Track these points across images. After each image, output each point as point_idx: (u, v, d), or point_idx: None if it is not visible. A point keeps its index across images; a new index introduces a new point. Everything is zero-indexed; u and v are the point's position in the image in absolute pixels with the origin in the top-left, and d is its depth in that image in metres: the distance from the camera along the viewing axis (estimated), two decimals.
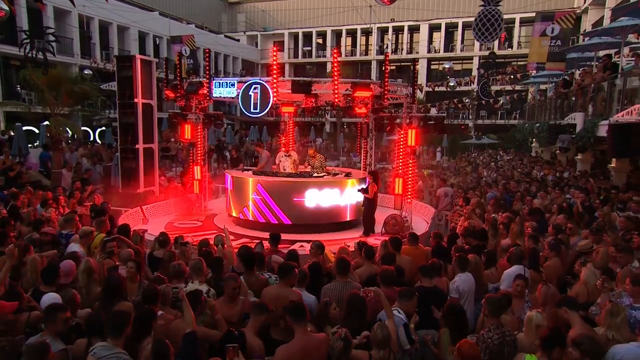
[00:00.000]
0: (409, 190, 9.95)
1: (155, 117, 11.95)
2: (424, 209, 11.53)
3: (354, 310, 3.90)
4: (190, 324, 3.57)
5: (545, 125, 16.62)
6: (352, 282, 4.73)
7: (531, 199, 9.62)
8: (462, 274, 4.95)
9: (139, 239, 5.90)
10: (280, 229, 9.26)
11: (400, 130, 9.92)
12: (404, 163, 9.91)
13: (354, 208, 9.92)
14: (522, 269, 5.15)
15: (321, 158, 11.11)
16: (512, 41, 36.24)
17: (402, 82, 10.09)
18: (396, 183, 9.76)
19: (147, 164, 11.64)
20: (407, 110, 9.78)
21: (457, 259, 5.16)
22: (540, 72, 21.57)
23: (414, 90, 9.35)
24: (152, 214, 10.88)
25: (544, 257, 5.84)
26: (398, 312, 3.90)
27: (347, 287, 4.57)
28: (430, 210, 11.05)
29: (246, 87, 8.44)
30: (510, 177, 14.50)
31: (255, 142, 20.55)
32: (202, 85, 8.96)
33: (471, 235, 6.48)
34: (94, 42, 26.01)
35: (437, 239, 6.48)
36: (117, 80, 11.09)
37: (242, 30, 44.09)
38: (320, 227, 9.39)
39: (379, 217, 9.74)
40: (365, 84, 8.57)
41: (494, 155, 25.38)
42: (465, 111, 34.79)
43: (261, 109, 8.51)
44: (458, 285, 4.84)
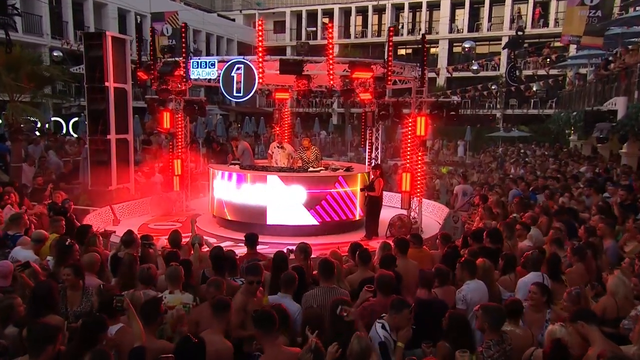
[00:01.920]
0: (418, 187, 9.82)
1: (130, 103, 11.96)
2: (437, 208, 11.47)
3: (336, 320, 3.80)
4: (139, 338, 3.50)
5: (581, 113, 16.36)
6: (338, 289, 4.66)
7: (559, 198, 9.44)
8: (471, 282, 4.85)
9: (95, 241, 5.84)
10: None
11: (409, 119, 9.81)
12: (412, 156, 9.80)
13: (361, 206, 9.89)
14: (540, 276, 5.02)
15: (316, 150, 11.05)
16: (547, 18, 35.79)
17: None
18: (403, 179, 9.65)
19: (120, 157, 11.63)
20: (416, 95, 9.66)
21: (463, 263, 5.05)
22: (580, 53, 21.28)
23: (424, 71, 9.20)
24: (125, 214, 10.87)
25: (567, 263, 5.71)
26: (382, 327, 3.79)
27: (332, 294, 4.50)
28: (444, 211, 10.95)
29: (228, 67, 8.37)
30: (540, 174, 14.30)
31: (235, 134, 20.55)
32: (177, 65, 8.91)
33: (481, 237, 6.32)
34: (66, 20, 26.09)
35: (446, 241, 6.39)
36: (85, 61, 11.09)
37: (237, 9, 44.19)
38: (270, 227, 9.35)
39: (384, 217, 9.67)
40: (364, 63, 8.46)
41: (524, 150, 25.09)
42: (492, 100, 34.51)
43: (245, 92, 8.44)
44: (465, 294, 4.74)
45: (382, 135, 26.70)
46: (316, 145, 13.52)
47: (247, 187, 9.68)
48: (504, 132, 30.71)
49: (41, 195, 9.15)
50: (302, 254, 5.48)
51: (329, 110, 37.83)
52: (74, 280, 4.57)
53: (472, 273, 4.91)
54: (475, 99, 31.63)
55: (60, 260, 5.05)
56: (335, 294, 4.52)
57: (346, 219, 9.76)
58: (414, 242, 6.15)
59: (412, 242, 6.08)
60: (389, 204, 12.25)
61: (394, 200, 11.74)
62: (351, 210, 9.80)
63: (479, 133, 31.04)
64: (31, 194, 10.17)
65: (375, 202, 9.18)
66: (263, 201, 9.47)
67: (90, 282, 4.73)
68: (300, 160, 10.92)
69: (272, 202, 9.42)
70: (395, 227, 9.38)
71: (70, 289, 4.56)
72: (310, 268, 5.52)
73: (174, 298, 4.42)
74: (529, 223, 7.17)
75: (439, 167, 22.77)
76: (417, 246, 6.17)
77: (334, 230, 9.59)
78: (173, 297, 4.43)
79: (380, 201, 9.40)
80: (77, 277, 4.62)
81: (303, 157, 10.89)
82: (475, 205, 9.19)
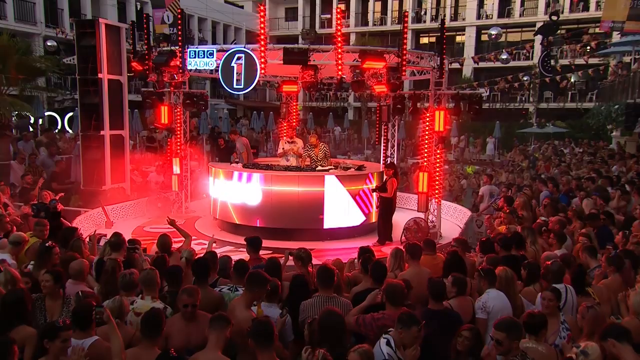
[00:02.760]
0: (436, 187, 9.72)
1: (126, 96, 12.09)
2: (458, 212, 11.41)
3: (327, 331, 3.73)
4: (118, 354, 3.49)
5: (622, 105, 16.00)
6: (338, 298, 4.61)
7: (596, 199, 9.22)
8: (492, 290, 4.80)
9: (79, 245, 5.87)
10: (277, 233, 9.42)
11: (427, 113, 9.72)
12: (430, 154, 9.74)
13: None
14: (564, 288, 4.90)
15: (325, 148, 11.05)
16: (587, 1, 35.11)
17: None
18: (420, 179, 9.55)
19: (115, 155, 11.76)
20: (434, 87, 9.57)
21: (481, 272, 4.98)
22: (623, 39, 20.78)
23: (443, 60, 9.09)
24: (119, 215, 10.99)
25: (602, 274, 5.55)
26: (387, 344, 3.71)
27: (331, 303, 4.47)
28: (466, 214, 10.86)
29: (228, 56, 8.39)
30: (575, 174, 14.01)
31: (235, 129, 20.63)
32: (174, 55, 8.95)
33: (502, 243, 6.23)
34: (62, 7, 26.40)
35: (461, 246, 6.32)
36: (77, 51, 11.24)
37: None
38: (327, 232, 9.61)
39: (400, 221, 9.68)
40: (376, 52, 8.41)
41: (559, 148, 24.69)
42: (525, 92, 34.04)
43: (246, 84, 8.46)
44: (485, 301, 4.68)
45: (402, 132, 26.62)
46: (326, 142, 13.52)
47: (294, 190, 9.65)
48: (537, 128, 30.23)
49: (29, 195, 9.27)
50: (299, 261, 5.44)
51: (344, 104, 37.73)
52: (53, 287, 4.58)
53: (492, 282, 4.85)
54: (506, 91, 31.23)
55: (38, 264, 5.08)
56: (335, 303, 4.48)
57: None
58: (426, 248, 6.08)
59: (424, 248, 6.01)
60: (406, 207, 12.22)
61: (411, 202, 11.66)
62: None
63: (509, 129, 30.63)
64: (20, 193, 10.33)
65: (387, 204, 9.14)
66: (319, 204, 9.60)
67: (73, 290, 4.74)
68: (308, 158, 10.90)
69: (331, 204, 9.61)
70: (410, 231, 9.36)
71: (49, 297, 4.57)
72: (313, 276, 5.47)
73: (143, 304, 4.38)
74: (557, 228, 7.00)
75: (463, 166, 22.59)
76: (429, 252, 6.11)
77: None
78: (142, 303, 4.39)
79: (394, 203, 9.37)
80: (57, 284, 4.62)
81: (311, 155, 10.86)
82: (499, 209, 9.03)
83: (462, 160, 26.68)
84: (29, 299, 4.22)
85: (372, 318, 4.24)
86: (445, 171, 19.88)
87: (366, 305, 4.49)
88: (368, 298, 4.51)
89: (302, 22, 42.40)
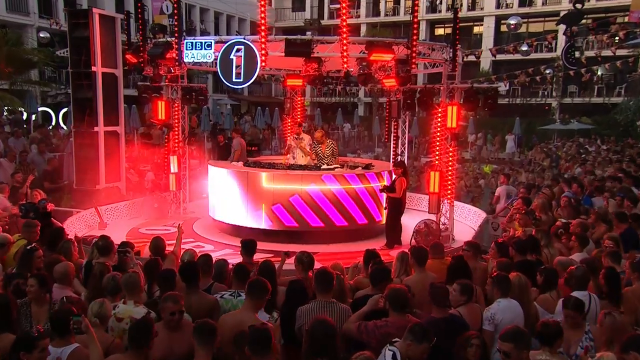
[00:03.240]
0: (448, 187, 9.67)
1: (121, 91, 12.14)
2: (472, 213, 11.37)
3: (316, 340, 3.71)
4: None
5: None
6: (337, 304, 4.59)
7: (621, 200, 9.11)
8: (503, 300, 4.75)
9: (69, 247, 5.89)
10: (279, 235, 9.56)
11: (439, 108, 9.68)
12: (442, 152, 9.71)
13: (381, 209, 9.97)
14: (587, 296, 4.85)
15: (332, 144, 11.04)
16: None
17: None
18: (431, 178, 9.50)
19: (109, 152, 11.81)
20: (447, 80, 9.53)
21: (494, 279, 4.93)
22: None
23: (456, 52, 9.03)
24: (113, 216, 11.05)
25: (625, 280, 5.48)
26: (392, 357, 3.67)
27: (329, 309, 4.47)
28: (481, 216, 10.79)
29: (226, 48, 8.38)
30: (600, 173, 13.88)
31: (237, 127, 20.73)
32: (170, 46, 8.97)
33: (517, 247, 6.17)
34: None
35: (472, 249, 6.27)
36: (70, 43, 11.30)
37: None
38: (331, 234, 9.70)
39: (409, 223, 9.64)
40: (384, 44, 8.37)
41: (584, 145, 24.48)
42: (548, 87, 33.77)
43: (246, 78, 8.45)
44: (494, 313, 4.63)
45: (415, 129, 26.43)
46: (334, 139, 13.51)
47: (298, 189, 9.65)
48: (560, 125, 30.03)
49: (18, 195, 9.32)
50: (300, 265, 5.41)
51: (354, 99, 37.71)
52: (39, 292, 4.59)
53: (505, 290, 4.78)
54: (527, 85, 30.97)
55: (20, 266, 5.09)
56: (333, 309, 4.47)
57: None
58: (433, 252, 6.05)
59: (432, 252, 5.99)
60: (418, 208, 12.18)
61: (423, 204, 11.62)
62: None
63: (530, 126, 30.45)
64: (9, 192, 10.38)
65: (396, 205, 9.12)
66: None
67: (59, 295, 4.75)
68: (314, 155, 10.93)
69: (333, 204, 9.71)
70: (421, 234, 9.31)
71: (35, 303, 4.59)
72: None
73: (125, 310, 4.38)
74: (579, 231, 6.92)
75: (480, 165, 22.49)
76: (437, 257, 6.06)
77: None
78: (124, 309, 4.39)
79: (403, 204, 9.35)
80: (43, 289, 4.64)
81: (318, 152, 10.85)
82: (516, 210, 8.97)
83: (479, 159, 26.57)
84: (14, 304, 4.23)
85: (375, 325, 4.21)
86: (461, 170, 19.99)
87: (367, 310, 4.46)
88: (369, 303, 4.48)
89: (310, 13, 42.39)
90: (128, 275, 4.65)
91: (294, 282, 5.00)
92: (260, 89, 39.23)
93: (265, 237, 9.16)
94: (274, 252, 8.47)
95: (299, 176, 9.76)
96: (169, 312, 4.05)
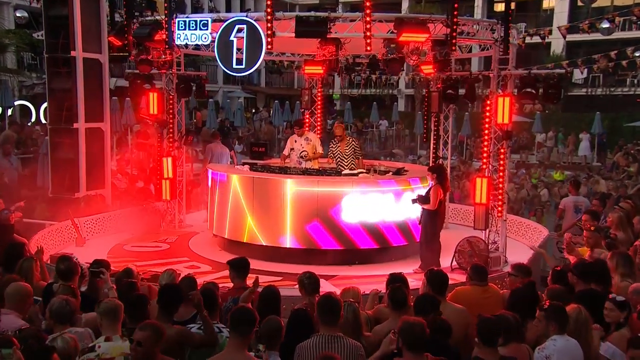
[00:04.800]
0: (499, 197, 9.54)
1: (107, 80, 12.35)
2: (532, 230, 11.23)
3: None
4: None
5: None
6: (344, 339, 4.59)
7: None
8: (560, 338, 4.75)
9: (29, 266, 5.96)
10: (282, 255, 9.67)
11: (489, 100, 9.61)
12: (492, 153, 9.61)
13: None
14: None
15: (354, 142, 11.07)
16: None
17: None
18: (478, 186, 9.37)
19: (92, 154, 11.98)
20: (498, 66, 9.39)
21: (547, 311, 4.90)
22: None
23: (508, 30, 8.88)
24: (94, 230, 11.17)
25: None
26: None
27: (335, 345, 4.50)
28: (543, 234, 10.65)
29: (225, 28, 8.40)
30: None
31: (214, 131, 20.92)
32: (159, 26, 9.05)
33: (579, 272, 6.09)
34: None
35: (521, 274, 6.24)
36: (45, 23, 11.46)
37: None
38: (353, 254, 9.73)
39: (450, 241, 9.58)
40: (417, 21, 8.29)
41: None
42: (638, 73, 33.04)
43: (248, 64, 8.44)
44: (549, 354, 4.64)
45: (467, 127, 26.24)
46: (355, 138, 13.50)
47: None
48: None
49: None
50: (302, 289, 5.51)
51: (392, 91, 37.54)
52: None
53: (563, 325, 4.80)
54: (610, 72, 30.27)
55: None
56: (340, 345, 4.50)
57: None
58: (473, 275, 6.04)
59: (471, 276, 6.01)
60: (464, 222, 12.03)
61: (470, 217, 11.45)
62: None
63: (614, 122, 29.88)
64: None
65: (431, 219, 9.03)
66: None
67: (10, 324, 4.80)
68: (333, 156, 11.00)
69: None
70: (464, 255, 9.26)
71: None
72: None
73: (112, 347, 4.39)
74: None
75: (546, 171, 22.17)
76: (478, 282, 6.02)
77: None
78: (110, 346, 4.40)
79: (440, 218, 9.27)
80: None
81: (335, 152, 10.89)
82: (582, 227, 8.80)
83: (548, 164, 26.19)
84: None
85: None
86: (523, 178, 19.69)
87: (379, 355, 4.49)
88: (382, 345, 4.50)
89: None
90: (106, 304, 4.66)
91: (295, 312, 5.02)
92: (280, 79, 39.49)
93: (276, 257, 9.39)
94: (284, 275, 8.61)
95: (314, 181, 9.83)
96: (136, 341, 4.08)
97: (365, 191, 9.73)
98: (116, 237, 11.16)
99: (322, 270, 8.01)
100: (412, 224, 9.99)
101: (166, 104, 11.67)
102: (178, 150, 12.06)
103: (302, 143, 11.26)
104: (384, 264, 9.52)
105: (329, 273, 8.90)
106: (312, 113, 13.70)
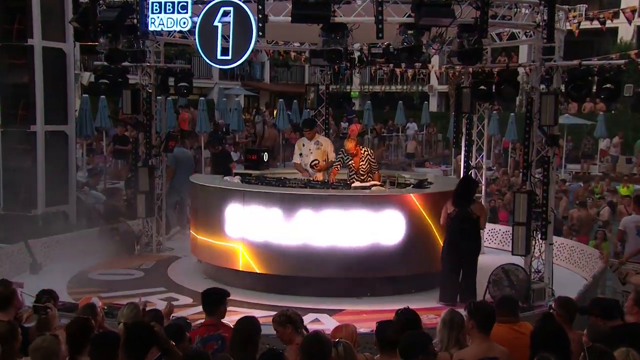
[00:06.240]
0: (543, 216, 9.46)
1: (72, 73, 12.51)
2: (586, 257, 11.23)
3: None
4: None
5: None
6: None
7: None
8: None
9: None
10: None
11: None
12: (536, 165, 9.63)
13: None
14: None
15: (368, 155, 11.11)
16: None
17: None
18: (517, 202, 9.32)
19: (53, 162, 12.10)
20: (541, 56, 9.36)
21: (589, 350, 4.75)
22: None
23: (553, 13, 8.82)
24: (53, 255, 11.18)
25: None
26: None
27: None
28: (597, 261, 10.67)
29: (208, 11, 8.40)
30: None
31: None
32: (129, 9, 9.08)
33: None
34: None
35: (564, 309, 6.13)
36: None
37: None
38: (360, 284, 9.81)
39: (485, 269, 9.66)
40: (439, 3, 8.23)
41: None
42: None
43: (235, 55, 8.44)
44: None
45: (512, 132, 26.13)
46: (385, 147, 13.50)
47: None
48: None
49: None
50: (280, 326, 5.48)
51: (422, 88, 37.47)
52: None
53: None
54: None
55: None
56: None
57: None
58: (500, 310, 5.95)
59: (499, 311, 5.89)
60: (501, 246, 12.04)
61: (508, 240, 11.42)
62: None
63: None
64: None
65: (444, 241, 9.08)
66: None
67: None
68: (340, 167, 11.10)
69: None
70: (499, 286, 9.26)
71: None
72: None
73: None
74: None
75: (612, 185, 21.95)
76: (507, 318, 5.97)
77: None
78: None
79: (447, 238, 9.41)
80: None
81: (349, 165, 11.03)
82: None
83: (614, 175, 25.98)
84: None
85: None
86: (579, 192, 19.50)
87: None
88: None
89: None
90: (41, 340, 4.63)
91: (265, 353, 4.81)
92: (288, 74, 39.57)
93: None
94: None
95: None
96: None
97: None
98: (80, 263, 11.14)
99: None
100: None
101: (143, 102, 11.76)
102: (156, 159, 12.14)
103: (310, 148, 11.37)
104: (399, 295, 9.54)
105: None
106: (319, 114, 13.77)
